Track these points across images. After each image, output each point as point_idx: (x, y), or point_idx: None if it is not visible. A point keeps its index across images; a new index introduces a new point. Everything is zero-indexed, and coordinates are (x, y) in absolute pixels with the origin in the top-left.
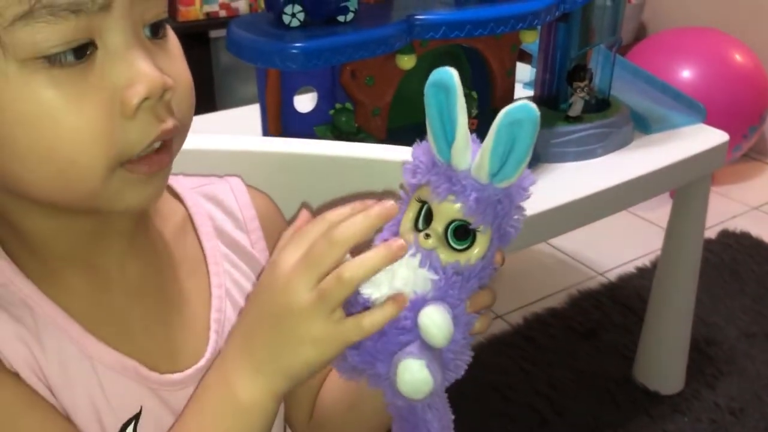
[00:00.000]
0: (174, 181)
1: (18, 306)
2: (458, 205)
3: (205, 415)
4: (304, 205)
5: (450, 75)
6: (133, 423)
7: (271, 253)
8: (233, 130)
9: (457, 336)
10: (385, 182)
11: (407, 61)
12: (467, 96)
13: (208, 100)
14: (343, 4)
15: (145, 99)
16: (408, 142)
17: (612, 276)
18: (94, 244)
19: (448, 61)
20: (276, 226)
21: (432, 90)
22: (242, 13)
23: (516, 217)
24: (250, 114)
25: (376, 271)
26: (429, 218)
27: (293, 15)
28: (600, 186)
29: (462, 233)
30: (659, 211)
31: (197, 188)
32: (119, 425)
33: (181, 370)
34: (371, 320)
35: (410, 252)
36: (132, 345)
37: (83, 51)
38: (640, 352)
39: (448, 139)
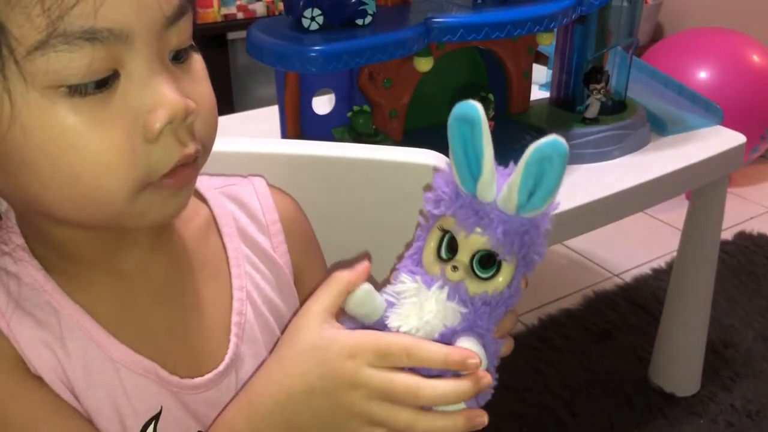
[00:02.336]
0: (197, 181)
1: (43, 308)
2: (485, 238)
3: None
4: (366, 255)
5: (475, 109)
6: (153, 423)
7: (292, 257)
8: (251, 132)
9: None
10: (402, 184)
11: (424, 64)
12: (484, 98)
13: (225, 101)
14: (361, 8)
15: (168, 123)
16: (425, 144)
17: (627, 277)
18: (118, 248)
19: (464, 63)
20: (298, 229)
21: (455, 123)
22: (259, 15)
23: (543, 244)
24: (268, 115)
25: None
26: (451, 246)
27: (312, 18)
28: (616, 187)
29: (487, 261)
30: (675, 212)
31: (221, 188)
32: (140, 426)
33: (201, 375)
34: None
35: (437, 284)
36: (154, 348)
37: (105, 80)
38: (656, 353)
39: (472, 171)
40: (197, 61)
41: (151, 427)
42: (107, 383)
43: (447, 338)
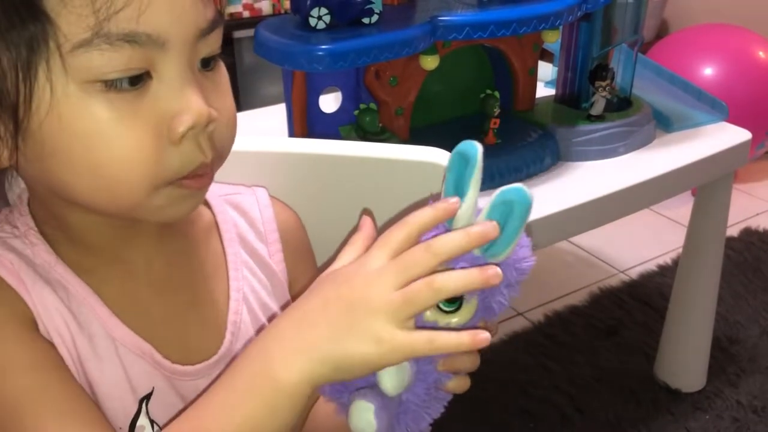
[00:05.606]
0: None
1: (55, 285)
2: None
3: (235, 389)
4: (366, 212)
5: (475, 149)
6: (145, 402)
7: (287, 264)
8: (259, 130)
9: (419, 390)
10: (409, 182)
11: (430, 62)
12: (490, 96)
13: None
14: (368, 7)
15: (191, 128)
16: (431, 142)
17: (633, 274)
18: (126, 239)
19: (470, 61)
20: (295, 240)
21: (456, 158)
22: (265, 13)
23: (504, 294)
24: (275, 113)
25: (467, 289)
26: None
27: (319, 17)
28: (622, 184)
29: (450, 297)
30: (681, 209)
31: (225, 196)
32: (136, 403)
33: (193, 364)
34: (445, 341)
35: None
36: (151, 333)
37: (138, 79)
38: (662, 349)
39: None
40: (223, 72)
41: (144, 404)
42: (109, 358)
43: None
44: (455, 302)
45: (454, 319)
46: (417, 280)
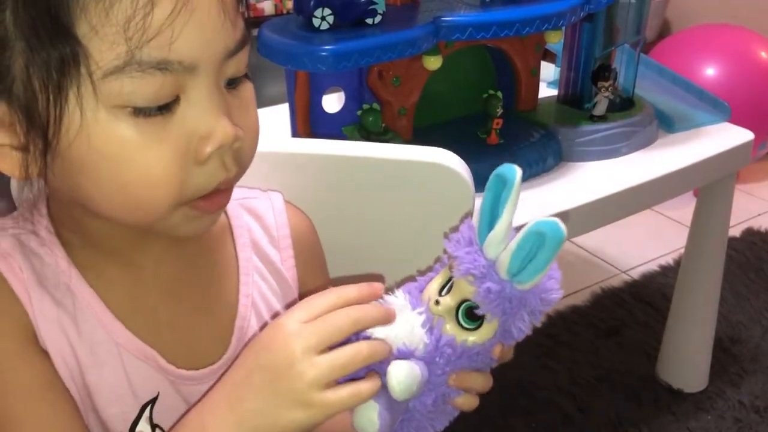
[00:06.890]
0: None
1: (61, 289)
2: (472, 288)
3: None
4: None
5: (514, 172)
6: (150, 406)
7: (299, 270)
8: (262, 130)
9: (427, 400)
10: (411, 182)
11: (433, 62)
12: (493, 96)
13: None
14: (371, 7)
15: (218, 149)
16: (434, 142)
17: (635, 274)
18: (139, 243)
19: (473, 61)
20: (307, 246)
21: (495, 179)
22: (267, 13)
23: (525, 320)
24: (278, 113)
25: (381, 358)
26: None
27: (323, 18)
28: (624, 184)
29: (472, 315)
30: (683, 209)
31: (240, 200)
32: (138, 408)
33: (198, 368)
34: (368, 390)
35: (420, 309)
36: (156, 338)
37: (167, 105)
38: (664, 350)
39: (490, 226)
40: (248, 89)
41: (148, 409)
42: (111, 364)
43: (401, 357)
44: (476, 321)
45: (472, 338)
46: (343, 347)
